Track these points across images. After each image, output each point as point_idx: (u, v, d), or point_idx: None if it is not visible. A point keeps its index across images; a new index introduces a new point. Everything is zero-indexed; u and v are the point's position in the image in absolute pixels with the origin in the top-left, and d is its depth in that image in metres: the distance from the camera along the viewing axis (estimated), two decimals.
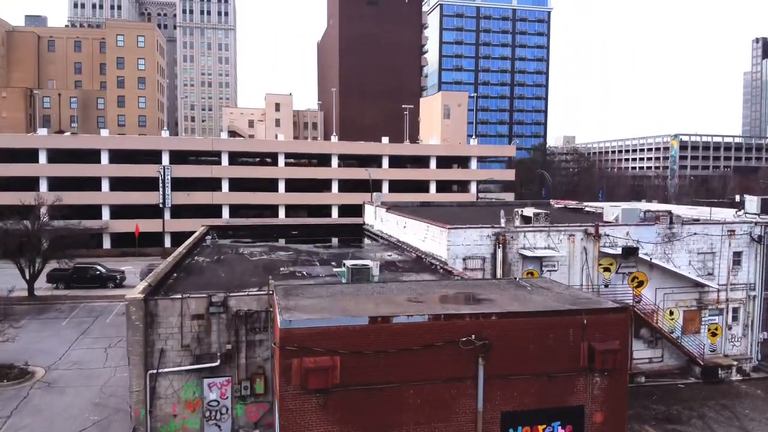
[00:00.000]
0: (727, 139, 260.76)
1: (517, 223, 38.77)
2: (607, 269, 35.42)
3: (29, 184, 79.14)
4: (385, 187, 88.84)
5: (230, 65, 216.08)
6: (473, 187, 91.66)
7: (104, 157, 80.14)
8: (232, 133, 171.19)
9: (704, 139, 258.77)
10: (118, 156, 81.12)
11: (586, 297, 22.87)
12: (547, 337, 20.32)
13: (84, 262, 60.27)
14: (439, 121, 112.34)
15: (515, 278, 28.08)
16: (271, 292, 23.81)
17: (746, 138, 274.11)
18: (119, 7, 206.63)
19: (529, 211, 38.05)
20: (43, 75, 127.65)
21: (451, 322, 19.54)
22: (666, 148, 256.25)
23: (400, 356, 18.96)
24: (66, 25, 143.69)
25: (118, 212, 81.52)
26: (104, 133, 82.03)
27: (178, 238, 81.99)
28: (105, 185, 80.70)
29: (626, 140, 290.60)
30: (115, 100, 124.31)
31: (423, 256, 36.52)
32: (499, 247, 33.42)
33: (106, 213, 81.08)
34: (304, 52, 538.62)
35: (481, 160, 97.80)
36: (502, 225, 34.14)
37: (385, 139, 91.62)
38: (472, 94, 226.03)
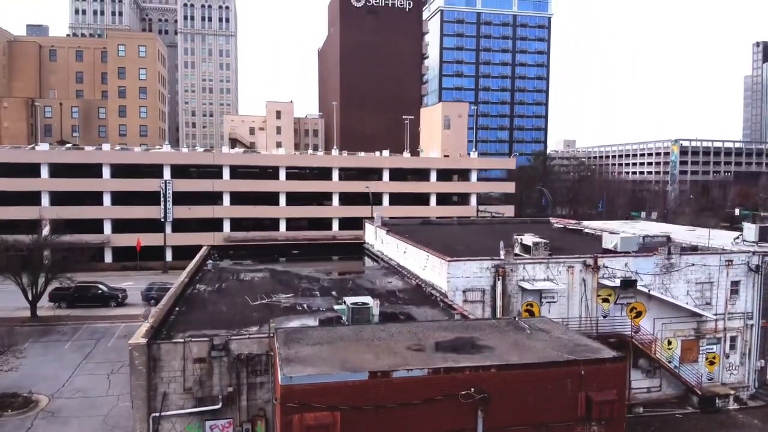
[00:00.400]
0: (727, 144, 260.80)
1: (517, 250, 39.04)
2: (605, 300, 35.67)
3: (31, 198, 79.60)
4: (386, 199, 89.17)
5: (231, 71, 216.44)
6: (473, 200, 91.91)
7: (106, 172, 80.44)
8: (233, 141, 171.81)
9: (705, 144, 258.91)
10: (120, 170, 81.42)
11: (584, 343, 23.11)
12: (545, 388, 20.61)
13: (86, 281, 60.52)
14: (439, 132, 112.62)
15: (515, 318, 28.33)
16: (272, 335, 24.09)
17: (746, 143, 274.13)
18: (120, 14, 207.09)
19: (528, 239, 38.27)
20: (44, 84, 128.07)
21: (451, 375, 19.83)
22: (666, 153, 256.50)
23: (400, 410, 19.24)
24: (68, 35, 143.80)
25: (119, 226, 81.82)
26: (105, 147, 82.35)
27: (180, 251, 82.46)
28: (107, 199, 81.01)
29: (626, 145, 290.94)
30: (117, 110, 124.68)
31: (423, 285, 36.78)
32: (498, 279, 33.67)
33: (107, 227, 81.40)
34: (305, 57, 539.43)
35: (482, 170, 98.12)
36: (502, 257, 34.39)
37: (385, 152, 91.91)
38: (472, 100, 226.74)
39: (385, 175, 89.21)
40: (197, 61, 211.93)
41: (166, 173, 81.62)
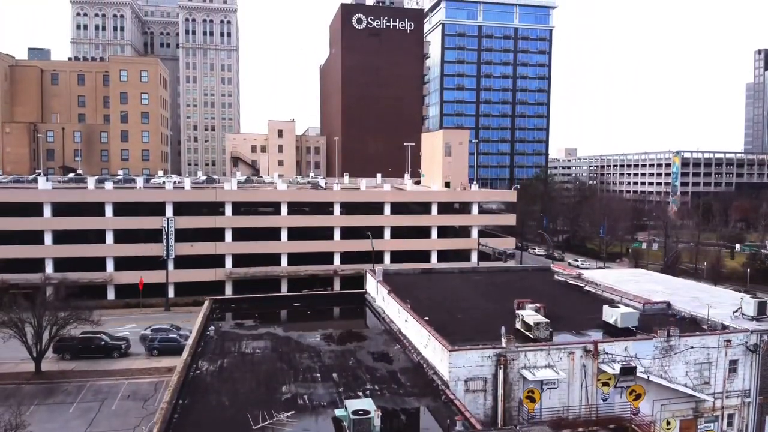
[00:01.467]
0: (729, 155, 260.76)
1: (518, 325, 39.43)
2: (605, 384, 35.98)
3: (34, 236, 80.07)
4: (387, 233, 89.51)
5: (233, 85, 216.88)
6: (474, 232, 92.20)
7: (108, 210, 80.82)
8: (235, 159, 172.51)
9: (706, 155, 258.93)
10: (122, 207, 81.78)
11: None
12: None
13: (89, 332, 60.91)
14: (440, 159, 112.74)
15: (516, 427, 28.63)
16: None
17: (748, 153, 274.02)
18: (122, 29, 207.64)
19: (529, 317, 38.61)
20: (46, 108, 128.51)
21: None
22: (668, 164, 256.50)
23: None
24: (69, 58, 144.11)
25: (122, 263, 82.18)
26: (108, 185, 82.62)
27: (182, 287, 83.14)
28: (109, 237, 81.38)
29: (628, 155, 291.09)
30: (119, 135, 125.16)
31: (425, 366, 37.18)
32: (500, 368, 33.98)
33: (110, 265, 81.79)
34: (306, 69, 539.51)
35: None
36: (503, 344, 34.68)
37: (386, 186, 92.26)
38: (473, 113, 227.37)
39: (387, 209, 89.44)
40: (199, 76, 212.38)
41: (168, 211, 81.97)
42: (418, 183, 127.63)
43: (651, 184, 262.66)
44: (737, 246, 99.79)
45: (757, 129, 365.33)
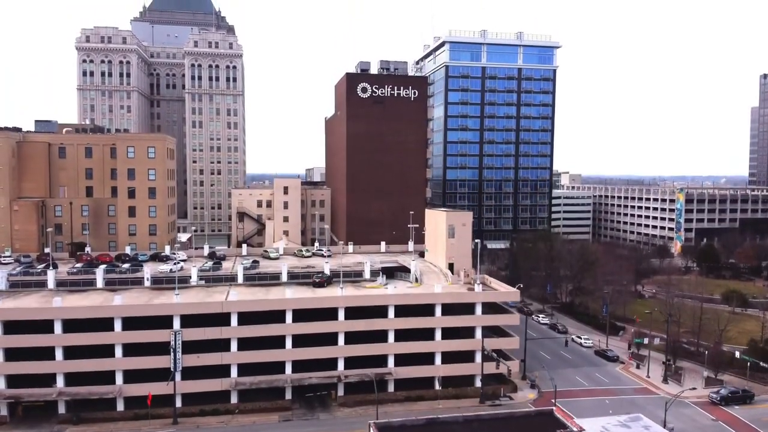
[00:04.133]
0: (732, 192, 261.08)
1: None
2: None
3: (45, 352, 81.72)
4: (391, 336, 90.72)
5: (239, 129, 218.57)
6: (478, 332, 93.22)
7: (117, 325, 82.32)
8: (241, 215, 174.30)
9: (710, 191, 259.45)
10: (131, 319, 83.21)
11: None
12: None
13: None
14: (444, 240, 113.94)
15: None
16: None
17: (752, 190, 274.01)
18: (128, 75, 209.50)
19: None
20: (54, 181, 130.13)
21: None
22: (672, 200, 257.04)
23: None
24: (74, 127, 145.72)
25: (131, 374, 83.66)
26: (117, 299, 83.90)
27: (189, 398, 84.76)
28: (118, 351, 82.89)
29: (632, 186, 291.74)
30: (126, 210, 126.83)
31: None
32: None
33: (119, 377, 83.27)
34: (311, 107, 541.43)
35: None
36: None
37: (390, 288, 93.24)
38: (476, 153, 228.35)
39: (390, 312, 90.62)
40: (205, 120, 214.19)
41: (176, 323, 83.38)
42: (422, 255, 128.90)
43: (655, 218, 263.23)
44: (737, 353, 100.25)
45: (762, 153, 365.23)
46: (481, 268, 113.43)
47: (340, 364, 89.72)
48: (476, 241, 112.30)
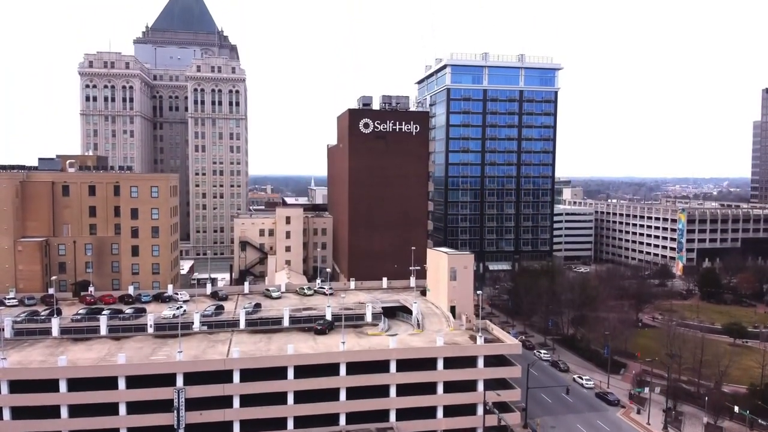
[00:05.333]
0: (734, 211, 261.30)
1: None
2: None
3: (51, 410, 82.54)
4: (393, 390, 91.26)
5: (241, 153, 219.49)
6: (480, 385, 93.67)
7: (121, 383, 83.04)
8: (244, 243, 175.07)
9: (712, 211, 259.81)
10: (135, 379, 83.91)
11: None
12: None
13: None
14: (445, 282, 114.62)
15: None
16: None
17: (754, 209, 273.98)
18: (131, 100, 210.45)
19: None
20: (58, 219, 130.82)
21: None
22: (674, 220, 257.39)
23: None
24: (77, 166, 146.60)
25: None
26: (121, 358, 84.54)
27: None
28: (122, 409, 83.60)
29: (634, 205, 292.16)
30: (129, 250, 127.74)
31: None
32: None
33: None
34: (311, 107, 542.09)
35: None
36: None
37: (392, 342, 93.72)
38: (478, 175, 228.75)
39: (392, 366, 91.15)
40: (208, 144, 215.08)
41: (179, 381, 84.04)
42: (423, 293, 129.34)
43: (657, 237, 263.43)
44: (736, 408, 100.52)
45: (764, 168, 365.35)
46: (483, 291, 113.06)
47: (342, 419, 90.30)
48: (478, 292, 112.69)
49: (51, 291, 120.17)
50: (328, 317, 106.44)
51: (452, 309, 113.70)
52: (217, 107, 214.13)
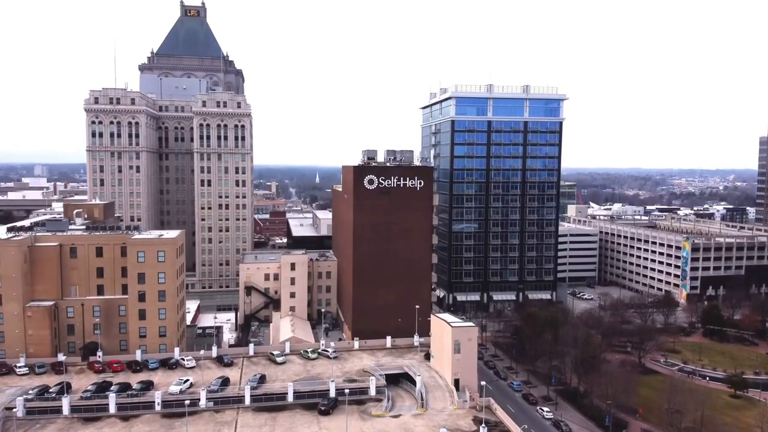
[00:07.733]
0: (739, 240, 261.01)
1: None
2: None
3: None
4: None
5: (247, 187, 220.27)
6: None
7: None
8: (249, 289, 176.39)
9: (717, 240, 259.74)
10: None
11: None
12: None
13: None
14: (450, 355, 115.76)
15: None
16: None
17: (758, 237, 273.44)
18: (137, 135, 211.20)
19: None
20: (66, 281, 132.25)
21: None
22: (678, 247, 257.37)
23: None
24: (86, 207, 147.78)
25: None
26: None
27: None
28: None
29: (638, 229, 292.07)
30: (137, 313, 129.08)
31: None
32: None
33: None
34: (313, 108, 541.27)
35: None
36: None
37: (394, 424, 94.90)
38: (482, 205, 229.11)
39: None
40: (213, 179, 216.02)
41: None
42: (427, 357, 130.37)
43: (661, 263, 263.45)
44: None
45: None
46: (487, 325, 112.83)
47: None
48: (482, 383, 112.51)
49: (60, 356, 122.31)
50: (332, 393, 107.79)
51: (456, 382, 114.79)
52: (222, 142, 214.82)
